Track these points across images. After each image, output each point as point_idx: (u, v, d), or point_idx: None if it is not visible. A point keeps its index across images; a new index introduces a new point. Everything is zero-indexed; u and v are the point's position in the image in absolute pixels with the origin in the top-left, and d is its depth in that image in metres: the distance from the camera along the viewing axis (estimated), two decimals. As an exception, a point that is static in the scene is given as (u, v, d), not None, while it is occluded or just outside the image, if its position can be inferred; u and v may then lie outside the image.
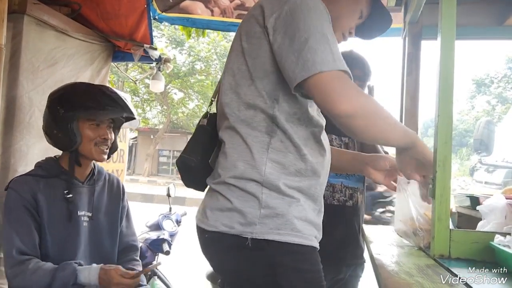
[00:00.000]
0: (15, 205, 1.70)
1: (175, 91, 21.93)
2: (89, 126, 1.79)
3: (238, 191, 1.19)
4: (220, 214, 1.20)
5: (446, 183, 1.21)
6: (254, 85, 1.22)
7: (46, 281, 1.63)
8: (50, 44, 2.46)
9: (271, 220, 1.16)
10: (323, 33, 1.12)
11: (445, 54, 1.27)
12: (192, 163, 1.33)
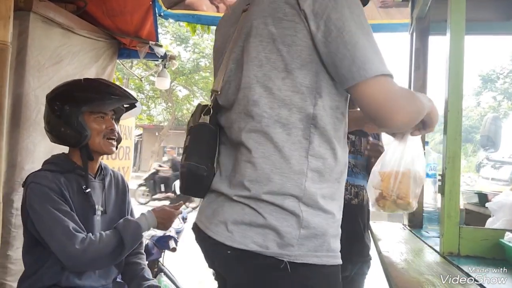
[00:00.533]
0: (45, 194, 1.66)
1: (179, 88, 21.94)
2: (95, 119, 1.78)
3: (273, 207, 1.04)
4: (248, 230, 1.05)
5: (456, 179, 1.20)
6: (290, 77, 1.05)
7: (115, 241, 1.68)
8: (55, 42, 2.46)
9: (310, 241, 1.04)
10: (367, 27, 1.04)
11: (455, 49, 1.26)
12: (204, 172, 1.18)
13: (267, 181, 1.04)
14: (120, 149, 4.05)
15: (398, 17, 2.77)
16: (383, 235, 1.61)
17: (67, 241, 1.61)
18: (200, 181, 1.19)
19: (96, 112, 1.78)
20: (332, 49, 1.01)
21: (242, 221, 1.05)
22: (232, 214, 1.08)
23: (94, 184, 1.85)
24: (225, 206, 1.10)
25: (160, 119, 25.66)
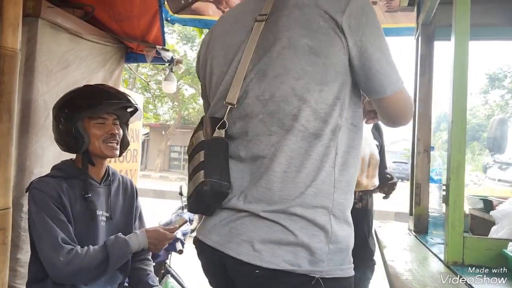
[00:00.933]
0: (43, 202, 1.71)
1: (186, 87, 21.98)
2: (94, 124, 1.81)
3: (303, 222, 1.04)
4: (277, 248, 1.03)
5: (460, 190, 1.21)
6: (326, 90, 1.08)
7: (101, 257, 1.68)
8: (63, 47, 2.49)
9: (337, 255, 1.06)
10: (387, 44, 1.13)
11: (459, 57, 1.27)
12: (227, 189, 1.14)
13: (300, 193, 1.04)
14: (127, 152, 4.08)
15: (404, 21, 2.77)
16: (388, 242, 1.62)
17: (53, 252, 1.65)
18: (222, 198, 1.15)
19: (96, 117, 1.81)
20: (367, 63, 1.08)
21: (270, 240, 1.04)
22: (257, 233, 1.06)
23: (99, 189, 1.88)
24: (246, 224, 1.08)
25: (167, 118, 25.71)
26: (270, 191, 1.07)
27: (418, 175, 1.96)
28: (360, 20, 1.07)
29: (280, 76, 1.09)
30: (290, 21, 1.11)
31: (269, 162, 1.08)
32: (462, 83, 1.26)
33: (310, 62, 1.07)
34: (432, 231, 1.92)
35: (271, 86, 1.10)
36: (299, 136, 1.07)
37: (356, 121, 1.14)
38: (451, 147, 1.22)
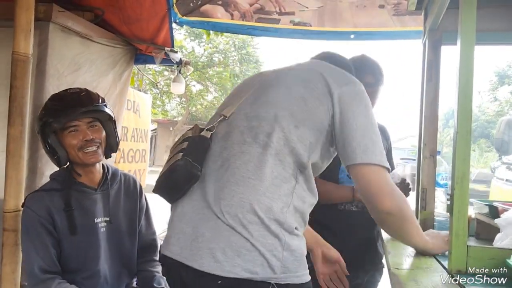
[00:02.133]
0: (32, 223, 1.73)
1: (193, 83, 22.00)
2: (67, 134, 1.76)
3: (260, 229, 1.15)
4: (237, 257, 1.12)
5: (464, 200, 1.22)
6: (301, 129, 1.25)
7: None
8: (74, 50, 2.52)
9: (291, 263, 1.16)
10: (376, 126, 1.30)
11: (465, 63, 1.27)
12: (198, 171, 1.26)
13: (257, 201, 1.17)
14: (136, 152, 4.14)
15: (412, 24, 2.78)
16: (393, 247, 1.63)
17: (28, 278, 1.73)
18: (190, 180, 1.27)
19: (66, 127, 1.76)
20: (345, 130, 1.25)
21: (230, 248, 1.14)
22: (218, 242, 1.15)
23: (95, 196, 1.85)
24: (209, 229, 1.19)
25: (174, 114, 25.75)
26: (231, 191, 1.20)
27: (424, 180, 1.97)
28: (352, 98, 1.28)
29: (270, 104, 1.30)
30: (294, 73, 1.38)
31: (237, 170, 1.22)
32: (467, 92, 1.27)
33: (298, 105, 1.26)
34: (437, 235, 1.93)
35: (260, 108, 1.31)
36: (268, 151, 1.22)
37: (319, 169, 1.36)
38: (455, 157, 1.23)
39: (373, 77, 2.11)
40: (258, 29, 3.03)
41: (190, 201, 1.29)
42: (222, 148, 1.30)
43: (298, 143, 1.23)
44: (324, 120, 1.26)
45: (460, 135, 1.23)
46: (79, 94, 1.85)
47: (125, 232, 1.92)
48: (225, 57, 21.26)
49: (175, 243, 1.25)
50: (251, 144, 1.25)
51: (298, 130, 1.24)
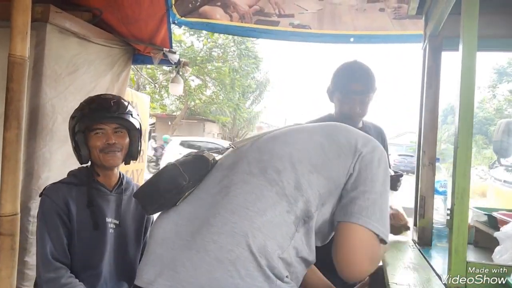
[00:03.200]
0: (49, 211, 1.78)
1: (192, 77, 21.96)
2: (94, 135, 1.84)
3: (250, 269, 1.03)
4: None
5: (464, 216, 1.21)
6: (315, 175, 1.15)
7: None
8: (72, 51, 2.50)
9: None
10: (388, 197, 1.21)
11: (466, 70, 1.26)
12: (184, 181, 1.19)
13: (252, 236, 1.05)
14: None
15: (412, 28, 2.76)
16: (391, 258, 1.62)
17: (40, 263, 1.76)
18: (173, 187, 1.19)
19: (93, 128, 1.84)
20: (358, 190, 1.15)
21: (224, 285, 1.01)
22: (198, 277, 1.03)
23: (109, 197, 1.91)
24: (190, 259, 1.07)
25: (173, 108, 25.73)
26: (224, 218, 1.09)
27: (423, 188, 1.96)
28: (374, 161, 1.20)
29: (287, 143, 1.24)
30: (318, 125, 1.33)
31: (233, 193, 1.14)
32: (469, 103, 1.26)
33: (316, 151, 1.20)
34: (436, 243, 1.93)
35: (275, 145, 1.24)
36: (274, 188, 1.12)
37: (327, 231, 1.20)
38: (456, 172, 1.22)
39: (363, 85, 2.11)
40: (257, 31, 3.00)
41: (173, 225, 1.18)
42: (223, 176, 1.22)
43: (309, 189, 1.12)
44: (341, 175, 1.17)
45: (461, 150, 1.22)
46: (110, 100, 1.91)
47: (131, 238, 1.96)
48: (224, 52, 21.22)
49: (149, 270, 1.13)
50: (257, 176, 1.15)
51: (312, 176, 1.14)
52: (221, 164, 1.29)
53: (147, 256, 1.18)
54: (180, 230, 1.15)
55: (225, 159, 1.31)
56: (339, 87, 2.16)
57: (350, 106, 2.13)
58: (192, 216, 1.16)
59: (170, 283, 1.05)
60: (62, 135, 2.41)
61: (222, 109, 23.21)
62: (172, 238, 1.14)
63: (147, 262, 1.16)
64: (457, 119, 1.26)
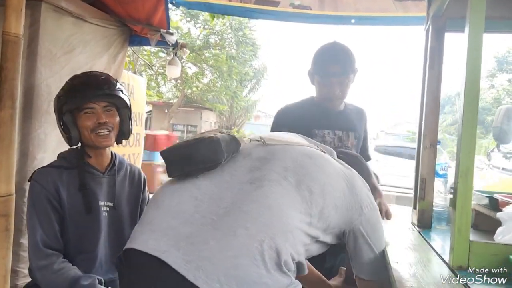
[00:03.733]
0: (39, 197, 1.74)
1: (189, 65, 21.84)
2: (82, 115, 1.78)
3: (274, 266, 1.05)
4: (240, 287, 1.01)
5: (468, 195, 1.19)
6: (333, 213, 1.24)
7: (64, 286, 1.68)
8: (67, 31, 2.46)
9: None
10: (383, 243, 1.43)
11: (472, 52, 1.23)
12: (222, 157, 1.20)
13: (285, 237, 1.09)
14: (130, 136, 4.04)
15: (414, 10, 2.72)
16: (391, 238, 1.61)
17: (31, 251, 1.72)
18: (209, 160, 1.18)
19: (83, 108, 1.78)
20: (359, 246, 1.35)
21: (235, 272, 1.00)
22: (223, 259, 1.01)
23: (102, 179, 1.87)
24: (216, 239, 1.04)
25: (170, 96, 25.61)
26: (259, 210, 1.10)
27: (424, 170, 1.94)
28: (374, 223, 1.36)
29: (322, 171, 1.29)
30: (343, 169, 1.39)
31: (269, 190, 1.15)
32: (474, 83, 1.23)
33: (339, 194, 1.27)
34: (435, 226, 1.91)
35: (311, 166, 1.28)
36: (305, 203, 1.18)
37: None
38: (460, 151, 1.19)
39: (341, 66, 2.10)
40: (257, 11, 2.94)
41: (192, 199, 1.15)
42: (254, 168, 1.23)
43: (326, 221, 1.22)
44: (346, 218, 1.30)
45: (466, 128, 1.19)
46: (98, 77, 1.86)
47: (126, 221, 1.93)
48: (221, 39, 21.07)
49: (159, 239, 1.07)
50: (292, 185, 1.19)
51: (332, 211, 1.24)
52: (249, 154, 1.30)
53: (151, 224, 1.14)
54: (201, 206, 1.12)
55: (253, 150, 1.32)
56: (318, 69, 2.16)
57: (330, 88, 2.13)
58: (216, 196, 1.14)
59: (190, 258, 1.01)
60: (58, 116, 2.37)
61: (219, 97, 23.12)
62: (190, 212, 1.11)
63: (153, 229, 1.11)
64: (463, 97, 1.23)
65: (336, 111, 2.24)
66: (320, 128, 2.16)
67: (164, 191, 1.24)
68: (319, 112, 2.20)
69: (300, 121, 2.14)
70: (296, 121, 2.13)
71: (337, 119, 2.21)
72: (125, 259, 1.14)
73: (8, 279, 1.59)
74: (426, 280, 1.11)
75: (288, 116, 2.25)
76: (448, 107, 34.53)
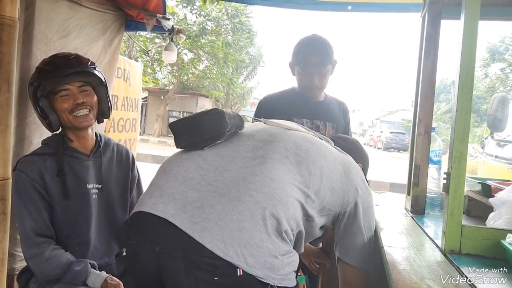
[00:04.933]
0: (24, 186, 1.72)
1: (185, 51, 21.70)
2: (60, 98, 1.76)
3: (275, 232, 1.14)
4: (243, 247, 1.09)
5: (461, 179, 1.21)
6: (329, 194, 1.32)
7: (57, 272, 1.68)
8: (63, 15, 2.43)
9: (288, 267, 1.18)
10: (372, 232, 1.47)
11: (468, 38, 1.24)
12: (226, 127, 1.27)
13: (285, 207, 1.18)
14: (126, 121, 4.07)
15: (411, -3, 2.71)
16: (385, 223, 1.63)
17: (22, 241, 1.72)
18: (213, 129, 1.26)
19: (57, 90, 1.75)
20: (349, 227, 1.40)
21: (239, 234, 1.08)
22: (228, 221, 1.09)
23: (87, 163, 1.85)
24: (222, 204, 1.12)
25: (166, 82, 25.47)
26: (263, 181, 1.18)
27: (418, 156, 1.96)
28: (366, 207, 1.42)
29: (320, 154, 1.36)
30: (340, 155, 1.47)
31: (271, 166, 1.23)
32: (469, 69, 1.25)
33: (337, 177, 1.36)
34: (429, 211, 1.94)
35: (310, 150, 1.35)
36: (302, 184, 1.25)
37: None
38: (454, 136, 1.21)
39: (319, 57, 2.17)
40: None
41: (199, 168, 1.23)
42: (257, 147, 1.31)
43: (322, 201, 1.29)
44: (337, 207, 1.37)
45: (460, 114, 1.21)
46: (68, 57, 1.83)
47: (117, 201, 1.93)
48: (217, 26, 20.91)
49: (168, 203, 1.15)
50: (293, 165, 1.26)
51: (328, 192, 1.31)
52: (252, 135, 1.37)
53: (160, 189, 1.22)
54: (208, 175, 1.20)
55: (256, 132, 1.40)
56: (298, 60, 2.22)
57: (309, 78, 2.21)
58: (221, 168, 1.22)
59: (196, 220, 1.09)
60: (54, 100, 2.36)
61: (215, 84, 23.01)
62: (197, 179, 1.19)
63: (162, 194, 1.19)
64: (457, 83, 1.24)
65: (316, 101, 2.31)
66: (299, 117, 2.23)
67: (171, 161, 1.33)
68: (299, 102, 2.28)
69: (281, 109, 2.21)
70: (277, 109, 2.21)
71: (316, 109, 2.29)
72: (133, 222, 1.21)
73: (5, 262, 1.60)
74: (418, 262, 1.13)
75: (269, 104, 2.33)
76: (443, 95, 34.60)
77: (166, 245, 1.10)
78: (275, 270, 1.10)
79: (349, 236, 1.41)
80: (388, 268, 1.08)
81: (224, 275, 1.06)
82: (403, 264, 1.11)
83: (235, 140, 1.34)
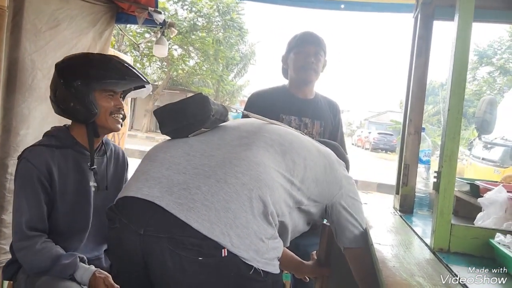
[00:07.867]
0: (29, 176, 1.67)
1: (175, 47, 21.61)
2: (105, 96, 1.75)
3: (261, 214, 1.15)
4: (229, 227, 1.10)
5: (451, 178, 1.22)
6: (314, 185, 1.34)
7: (46, 265, 1.65)
8: (52, 5, 2.41)
9: (273, 253, 1.19)
10: None
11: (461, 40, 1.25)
12: (210, 115, 1.28)
13: (271, 190, 1.19)
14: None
15: (403, -3, 2.72)
16: (374, 221, 1.63)
17: (14, 231, 1.68)
18: (198, 113, 1.27)
19: (108, 90, 1.75)
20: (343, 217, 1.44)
21: (226, 214, 1.09)
22: (215, 201, 1.10)
23: (95, 161, 1.84)
24: (208, 185, 1.13)
25: (155, 77, 25.35)
26: (249, 164, 1.19)
27: (407, 156, 1.96)
28: (352, 196, 1.46)
29: (304, 147, 1.39)
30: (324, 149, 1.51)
31: (257, 151, 1.25)
32: (462, 70, 1.25)
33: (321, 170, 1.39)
34: (417, 211, 1.95)
35: (294, 142, 1.38)
36: (287, 173, 1.27)
37: None
38: (445, 135, 1.21)
39: (314, 41, 2.22)
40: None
41: (184, 154, 1.24)
42: (242, 137, 1.32)
43: (307, 190, 1.31)
44: (324, 199, 1.40)
45: (452, 113, 1.21)
46: (130, 65, 1.83)
47: (111, 201, 1.90)
48: (208, 22, 20.85)
49: (153, 186, 1.16)
50: (278, 154, 1.28)
51: (313, 184, 1.34)
52: (238, 127, 1.40)
53: (146, 174, 1.22)
54: (194, 160, 1.21)
55: (241, 125, 1.43)
56: (294, 45, 2.26)
57: (305, 56, 2.21)
58: (207, 154, 1.24)
59: (182, 201, 1.10)
60: (42, 92, 2.33)
61: (205, 80, 22.97)
62: (183, 164, 1.21)
63: (147, 179, 1.20)
64: (449, 83, 1.25)
65: (305, 99, 2.31)
66: (288, 114, 2.23)
67: (157, 148, 1.35)
68: (288, 99, 2.28)
69: (270, 106, 2.20)
70: (266, 106, 2.18)
71: (305, 107, 2.28)
72: (118, 208, 1.22)
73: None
74: (407, 260, 1.13)
75: (259, 100, 2.32)
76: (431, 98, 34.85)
77: (152, 226, 1.10)
78: (260, 253, 1.11)
79: (345, 225, 1.44)
80: (378, 265, 1.08)
81: (209, 255, 1.07)
82: (393, 261, 1.11)
83: (221, 131, 1.37)
